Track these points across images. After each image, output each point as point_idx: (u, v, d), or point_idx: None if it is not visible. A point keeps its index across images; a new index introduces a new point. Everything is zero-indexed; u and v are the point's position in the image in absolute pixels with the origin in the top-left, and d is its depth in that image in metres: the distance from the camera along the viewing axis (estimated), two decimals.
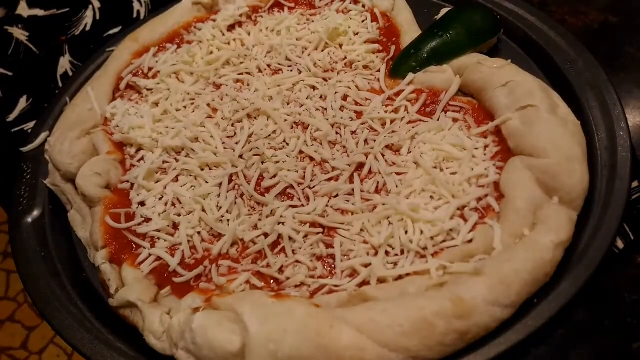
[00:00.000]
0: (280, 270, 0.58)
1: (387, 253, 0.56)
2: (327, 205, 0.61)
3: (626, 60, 0.71)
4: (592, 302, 0.52)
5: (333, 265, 0.57)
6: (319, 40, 0.77)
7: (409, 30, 0.77)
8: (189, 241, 0.61)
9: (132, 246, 0.62)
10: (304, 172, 0.65)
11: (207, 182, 0.65)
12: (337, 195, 0.62)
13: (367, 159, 0.64)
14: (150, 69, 0.79)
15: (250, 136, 0.69)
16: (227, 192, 0.64)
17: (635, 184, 0.58)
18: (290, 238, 0.59)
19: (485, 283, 0.49)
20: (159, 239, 0.62)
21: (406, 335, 0.47)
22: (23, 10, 1.00)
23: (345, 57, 0.76)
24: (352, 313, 0.49)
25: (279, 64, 0.77)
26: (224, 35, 0.81)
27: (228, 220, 0.62)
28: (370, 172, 0.64)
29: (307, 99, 0.71)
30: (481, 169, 0.60)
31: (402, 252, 0.56)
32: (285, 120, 0.70)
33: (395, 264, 0.55)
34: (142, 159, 0.70)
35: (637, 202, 0.58)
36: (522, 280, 0.49)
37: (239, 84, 0.76)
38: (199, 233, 0.62)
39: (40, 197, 0.72)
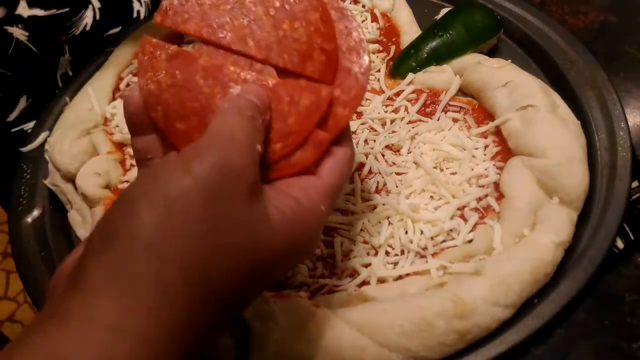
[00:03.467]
0: None
1: (387, 253, 0.56)
2: None
3: (626, 60, 0.71)
4: (592, 302, 0.52)
5: (333, 265, 0.57)
6: None
7: (409, 30, 0.76)
8: None
9: None
10: None
11: None
12: None
13: (367, 159, 0.64)
14: None
15: None
16: None
17: (635, 184, 0.58)
18: None
19: (485, 283, 0.49)
20: None
21: (407, 335, 0.47)
22: (23, 10, 0.99)
23: None
24: (352, 313, 0.49)
25: None
26: None
27: None
28: (370, 172, 0.64)
29: None
30: (481, 169, 0.60)
31: (402, 252, 0.56)
32: None
33: (395, 264, 0.55)
34: None
35: (637, 202, 0.58)
36: (523, 280, 0.49)
37: None
38: None
39: (40, 197, 0.72)
